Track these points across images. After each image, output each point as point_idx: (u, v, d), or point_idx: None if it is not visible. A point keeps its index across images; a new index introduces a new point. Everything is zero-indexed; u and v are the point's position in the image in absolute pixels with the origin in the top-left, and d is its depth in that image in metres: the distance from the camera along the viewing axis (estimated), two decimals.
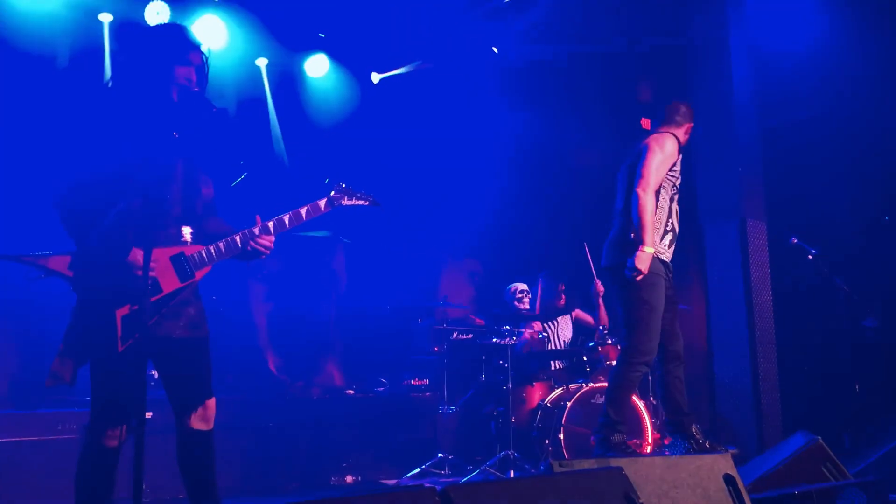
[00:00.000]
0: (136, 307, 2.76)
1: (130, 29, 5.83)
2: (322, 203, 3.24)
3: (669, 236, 4.30)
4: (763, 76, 6.79)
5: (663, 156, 4.24)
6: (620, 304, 4.30)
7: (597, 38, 7.08)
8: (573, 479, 2.57)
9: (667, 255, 4.30)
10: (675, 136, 4.37)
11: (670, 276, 4.35)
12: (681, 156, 4.39)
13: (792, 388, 6.83)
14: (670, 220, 4.31)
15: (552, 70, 7.65)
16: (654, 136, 4.36)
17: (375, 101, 7.59)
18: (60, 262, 2.78)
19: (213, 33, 6.30)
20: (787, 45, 6.61)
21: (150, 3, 5.93)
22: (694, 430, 4.27)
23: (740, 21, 6.67)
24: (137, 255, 2.73)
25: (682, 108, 4.54)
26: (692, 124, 4.60)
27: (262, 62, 6.84)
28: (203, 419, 2.96)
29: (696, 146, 6.91)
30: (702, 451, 4.15)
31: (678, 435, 4.27)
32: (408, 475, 5.98)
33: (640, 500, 2.68)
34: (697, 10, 6.74)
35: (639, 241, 4.13)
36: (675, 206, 4.36)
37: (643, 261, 4.09)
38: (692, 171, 6.90)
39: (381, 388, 7.02)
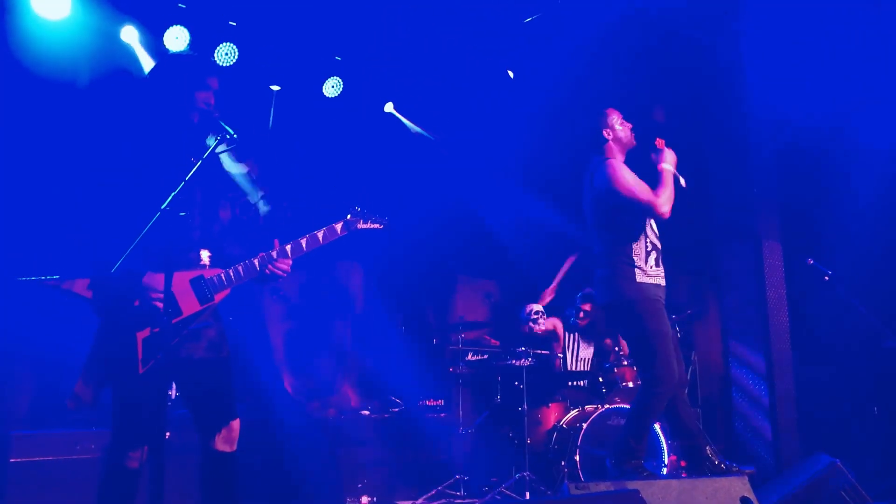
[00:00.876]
0: (156, 330, 2.80)
1: (152, 56, 5.92)
2: (338, 227, 3.31)
3: (654, 255, 4.25)
4: (778, 96, 6.80)
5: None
6: (629, 339, 4.28)
7: (612, 55, 7.11)
8: (590, 501, 2.57)
9: (659, 279, 4.28)
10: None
11: (665, 299, 4.32)
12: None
13: (810, 410, 6.78)
14: (647, 239, 4.27)
15: (568, 91, 7.68)
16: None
17: (390, 121, 7.65)
18: (83, 286, 2.82)
19: (226, 57, 6.38)
20: (803, 64, 6.60)
21: (170, 28, 6.02)
22: (709, 451, 4.23)
23: (755, 41, 6.70)
24: (152, 279, 2.77)
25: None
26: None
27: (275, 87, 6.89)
28: (227, 441, 2.99)
29: (711, 166, 6.93)
30: (718, 473, 4.11)
31: (694, 458, 4.22)
32: (424, 496, 5.97)
33: None
34: (712, 32, 6.76)
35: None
36: (651, 223, 4.31)
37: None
38: (707, 192, 6.91)
39: (397, 409, 7.02)
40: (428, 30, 6.73)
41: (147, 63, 5.92)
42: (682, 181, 4.33)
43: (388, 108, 7.45)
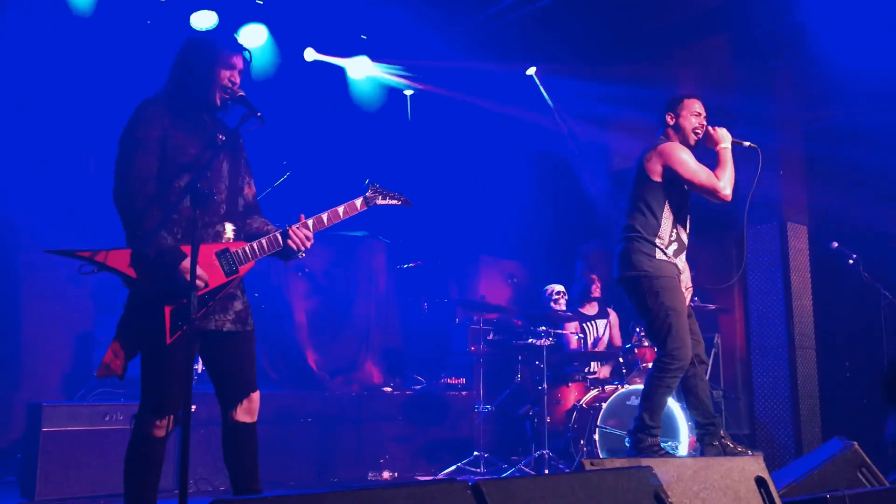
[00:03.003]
0: (183, 301, 2.87)
1: (177, 35, 6.00)
2: (358, 202, 3.36)
3: (675, 246, 4.24)
4: (808, 75, 6.72)
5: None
6: (643, 315, 4.27)
7: (638, 34, 7.07)
8: (603, 477, 2.61)
9: (679, 266, 4.27)
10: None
11: (682, 283, 4.32)
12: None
13: (831, 394, 6.75)
14: (675, 231, 4.25)
15: (594, 66, 7.66)
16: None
17: (415, 101, 7.67)
18: (116, 258, 2.89)
19: (255, 36, 6.44)
20: (837, 44, 6.49)
21: (197, 12, 6.09)
22: (722, 433, 4.24)
23: (788, 19, 6.58)
24: (188, 264, 2.84)
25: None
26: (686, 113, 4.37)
27: (309, 53, 6.90)
28: (248, 412, 3.07)
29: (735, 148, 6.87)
30: (731, 454, 4.14)
31: (707, 438, 4.25)
32: (444, 472, 6.05)
33: (671, 500, 2.71)
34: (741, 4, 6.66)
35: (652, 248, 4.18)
36: (686, 218, 4.29)
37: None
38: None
39: (419, 386, 7.10)
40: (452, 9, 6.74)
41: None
42: (747, 143, 4.29)
43: (408, 91, 7.41)
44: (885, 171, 6.47)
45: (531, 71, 7.62)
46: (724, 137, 4.24)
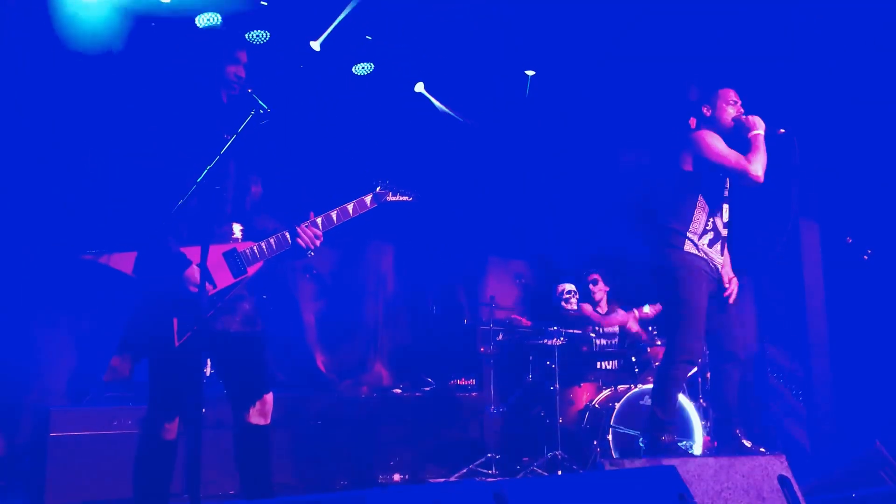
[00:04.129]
0: (191, 303, 2.81)
1: (182, 32, 5.95)
2: (368, 199, 3.31)
3: (710, 235, 4.19)
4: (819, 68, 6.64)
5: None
6: (663, 305, 4.28)
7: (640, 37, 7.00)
8: (625, 477, 2.55)
9: (712, 256, 4.22)
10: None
11: (724, 275, 4.26)
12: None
13: (846, 391, 6.68)
14: (711, 220, 4.20)
15: (598, 64, 7.60)
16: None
17: (421, 100, 7.61)
18: (121, 260, 2.84)
19: (258, 37, 6.38)
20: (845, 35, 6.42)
21: (202, 13, 6.05)
22: (738, 432, 4.20)
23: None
24: (194, 272, 2.78)
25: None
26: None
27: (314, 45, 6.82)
28: (261, 414, 3.01)
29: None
30: (744, 453, 4.10)
31: (722, 435, 4.21)
32: (455, 475, 5.99)
33: (695, 500, 2.64)
34: None
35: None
36: (723, 207, 4.25)
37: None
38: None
39: (428, 388, 7.04)
40: (459, 10, 6.68)
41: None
42: (781, 130, 4.25)
43: (419, 87, 7.39)
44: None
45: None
46: (757, 124, 4.20)
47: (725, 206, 4.28)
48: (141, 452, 2.90)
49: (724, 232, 4.29)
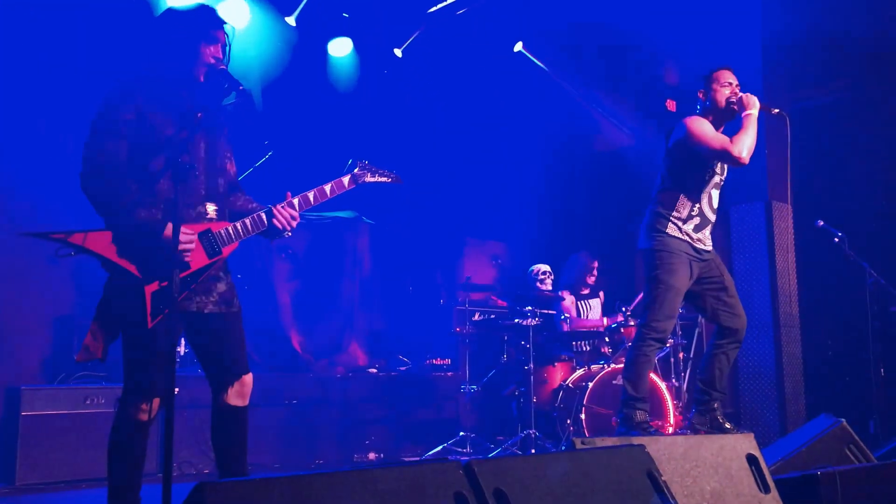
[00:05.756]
0: (164, 283, 2.80)
1: (156, 8, 5.86)
2: (346, 180, 3.30)
3: (696, 221, 4.23)
4: (792, 55, 6.70)
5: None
6: (644, 284, 4.34)
7: (623, 21, 7.01)
8: (596, 455, 2.58)
9: (698, 240, 4.25)
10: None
11: (709, 259, 4.30)
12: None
13: (816, 372, 6.79)
14: (697, 206, 4.24)
15: (582, 52, 7.62)
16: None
17: (398, 79, 7.57)
18: (95, 240, 2.81)
19: (236, 13, 6.31)
20: (819, 21, 6.47)
21: None
22: (716, 406, 4.29)
23: None
24: (170, 231, 2.76)
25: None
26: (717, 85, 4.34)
27: (290, 20, 6.76)
28: (239, 395, 3.01)
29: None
30: (719, 429, 4.18)
31: (701, 409, 4.29)
32: (430, 453, 6.03)
33: (663, 478, 2.69)
34: None
35: None
36: (711, 193, 4.28)
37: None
38: None
39: (404, 368, 7.07)
40: None
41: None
42: (775, 110, 4.27)
43: (398, 52, 7.28)
44: (870, 150, 6.48)
45: (518, 47, 7.54)
46: (751, 104, 4.21)
47: (714, 192, 4.31)
48: (115, 432, 2.88)
49: (713, 217, 4.32)
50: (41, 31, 5.67)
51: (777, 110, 4.30)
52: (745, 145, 4.09)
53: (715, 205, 4.33)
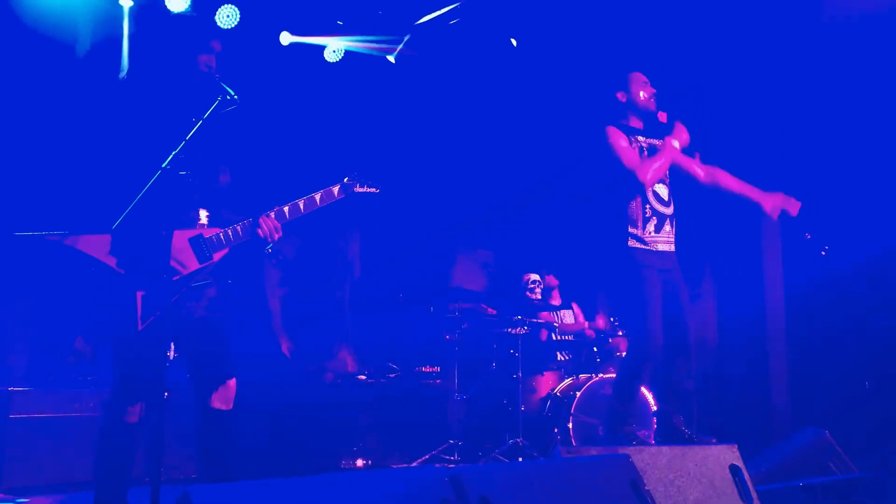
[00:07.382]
0: (155, 287, 2.82)
1: (154, 17, 5.89)
2: (335, 189, 3.34)
3: (654, 221, 4.21)
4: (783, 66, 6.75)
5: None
6: (621, 301, 4.37)
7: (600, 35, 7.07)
8: (580, 465, 2.61)
9: (657, 245, 4.22)
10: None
11: (672, 267, 4.29)
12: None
13: (802, 384, 6.83)
14: (647, 206, 4.20)
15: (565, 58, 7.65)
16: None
17: (390, 89, 7.60)
18: (88, 243, 2.83)
19: (227, 19, 6.33)
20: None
21: None
22: (675, 420, 4.21)
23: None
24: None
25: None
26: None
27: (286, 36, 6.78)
28: (223, 399, 3.03)
29: (710, 136, 6.91)
30: (685, 442, 4.14)
31: (662, 424, 4.24)
32: (418, 461, 6.04)
33: (647, 488, 2.72)
34: None
35: None
36: (654, 188, 4.23)
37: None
38: (706, 162, 6.89)
39: (393, 375, 7.07)
40: None
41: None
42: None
43: (391, 58, 7.30)
44: (859, 161, 6.53)
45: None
46: (679, 135, 4.24)
47: (660, 186, 4.27)
48: (103, 435, 2.90)
49: (669, 210, 4.28)
50: (41, 30, 5.68)
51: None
52: (652, 171, 4.14)
53: (665, 196, 4.29)
